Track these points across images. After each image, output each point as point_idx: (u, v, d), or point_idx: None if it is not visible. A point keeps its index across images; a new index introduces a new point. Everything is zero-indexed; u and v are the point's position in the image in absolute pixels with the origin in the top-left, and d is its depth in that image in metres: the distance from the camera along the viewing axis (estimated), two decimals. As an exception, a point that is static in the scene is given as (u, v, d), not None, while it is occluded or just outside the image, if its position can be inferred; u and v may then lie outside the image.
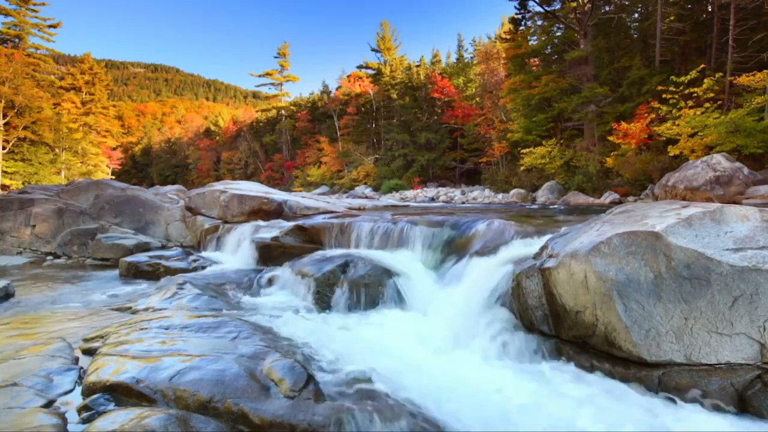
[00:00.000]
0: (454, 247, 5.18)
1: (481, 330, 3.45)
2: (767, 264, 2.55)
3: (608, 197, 12.76)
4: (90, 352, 3.18)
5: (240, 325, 3.56)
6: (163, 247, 8.30)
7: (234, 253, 7.27)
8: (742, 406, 2.40)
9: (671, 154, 11.68)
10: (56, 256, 8.18)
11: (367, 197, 23.85)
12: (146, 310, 4.34)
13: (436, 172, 27.69)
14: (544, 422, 2.39)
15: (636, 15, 17.78)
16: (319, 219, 7.49)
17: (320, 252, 5.95)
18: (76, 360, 3.10)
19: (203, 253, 7.78)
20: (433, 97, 28.70)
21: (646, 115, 12.93)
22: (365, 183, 30.41)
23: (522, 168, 17.77)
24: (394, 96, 30.38)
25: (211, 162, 53.39)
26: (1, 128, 25.42)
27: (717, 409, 2.40)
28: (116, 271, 6.81)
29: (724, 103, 12.03)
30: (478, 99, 26.29)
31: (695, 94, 11.52)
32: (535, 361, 3.11)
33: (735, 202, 8.18)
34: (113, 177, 42.74)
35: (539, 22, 18.80)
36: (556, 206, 12.86)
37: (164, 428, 2.04)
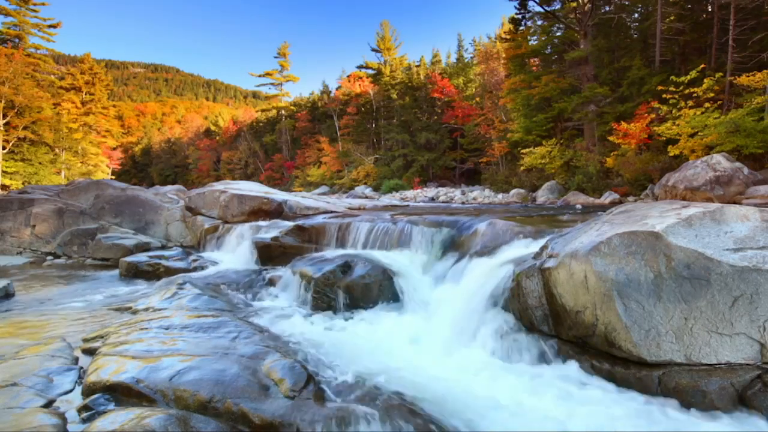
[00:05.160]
0: (454, 247, 5.17)
1: (481, 330, 3.46)
2: (767, 264, 2.55)
3: (608, 197, 12.75)
4: (90, 352, 3.18)
5: (240, 325, 3.57)
6: (163, 247, 8.30)
7: (234, 253, 7.27)
8: (742, 406, 2.39)
9: (671, 154, 11.67)
10: (56, 256, 8.18)
11: (367, 197, 23.82)
12: (146, 310, 4.34)
13: (436, 172, 27.68)
14: (544, 422, 2.39)
15: (636, 15, 17.76)
16: (319, 219, 7.49)
17: (320, 252, 5.95)
18: (76, 360, 3.10)
19: (203, 253, 7.78)
20: (433, 97, 28.69)
21: (646, 115, 12.91)
22: (365, 183, 30.38)
23: (522, 168, 17.76)
24: (394, 96, 30.36)
25: (211, 162, 53.36)
26: (1, 128, 25.39)
27: (717, 409, 2.40)
28: (116, 271, 6.81)
29: (724, 103, 12.02)
30: (478, 99, 26.28)
31: (695, 94, 11.51)
32: (535, 361, 3.11)
33: (735, 202, 8.18)
34: (113, 177, 42.75)
35: (539, 22, 18.77)
36: (555, 206, 12.85)
37: (164, 428, 2.04)
